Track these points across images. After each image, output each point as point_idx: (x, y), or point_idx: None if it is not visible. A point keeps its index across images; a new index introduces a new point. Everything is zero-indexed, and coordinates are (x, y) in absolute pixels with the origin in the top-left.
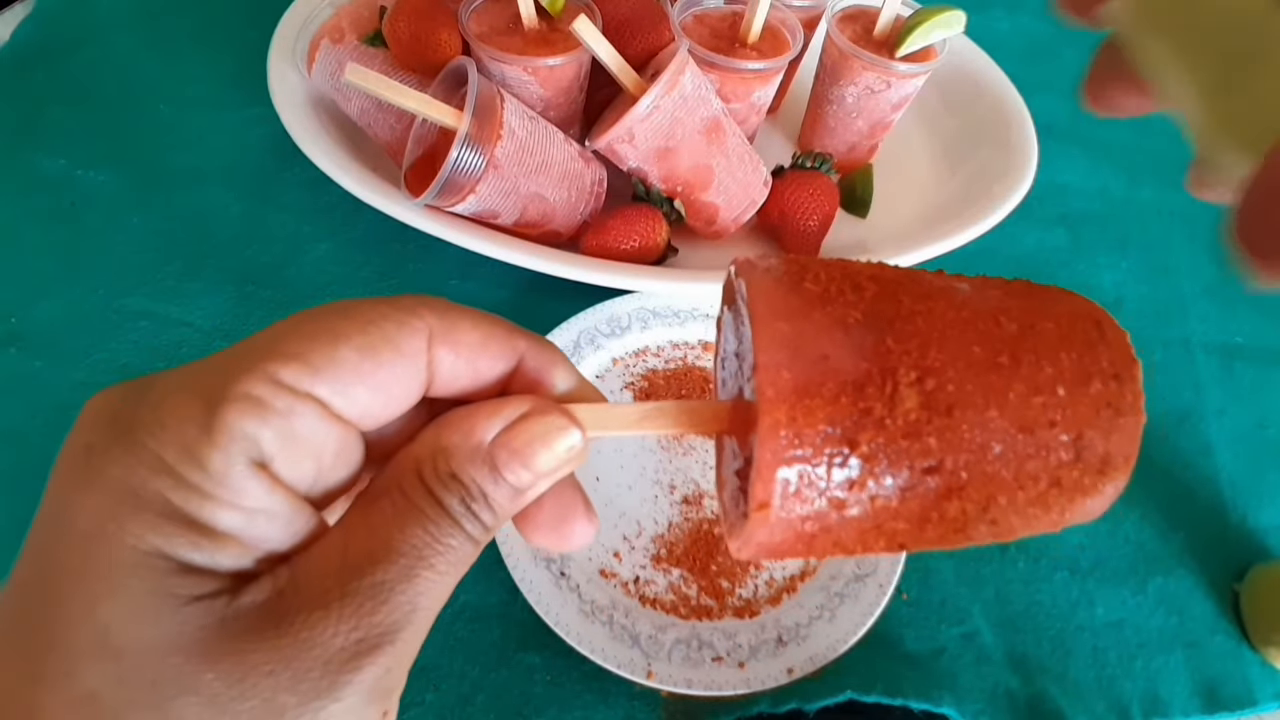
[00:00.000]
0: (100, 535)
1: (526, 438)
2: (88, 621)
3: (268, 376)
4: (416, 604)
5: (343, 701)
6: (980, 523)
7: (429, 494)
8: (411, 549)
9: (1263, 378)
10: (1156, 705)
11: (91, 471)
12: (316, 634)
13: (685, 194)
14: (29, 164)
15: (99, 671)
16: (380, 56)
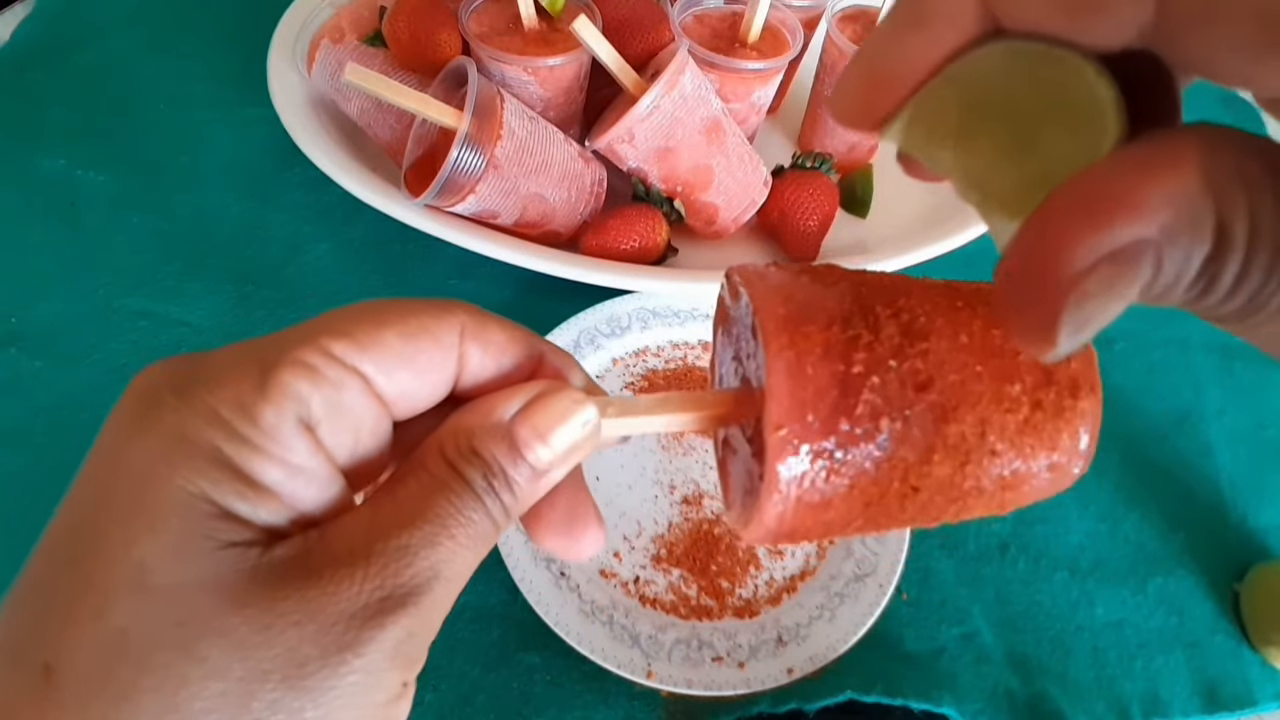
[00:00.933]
0: (149, 476)
1: (544, 413)
2: (126, 557)
3: (321, 348)
4: (438, 570)
5: (364, 658)
6: (982, 452)
7: (451, 468)
8: (435, 517)
9: (1263, 378)
10: (1156, 705)
11: (148, 419)
12: (342, 589)
13: (685, 194)
14: (29, 164)
15: (130, 608)
16: (380, 56)
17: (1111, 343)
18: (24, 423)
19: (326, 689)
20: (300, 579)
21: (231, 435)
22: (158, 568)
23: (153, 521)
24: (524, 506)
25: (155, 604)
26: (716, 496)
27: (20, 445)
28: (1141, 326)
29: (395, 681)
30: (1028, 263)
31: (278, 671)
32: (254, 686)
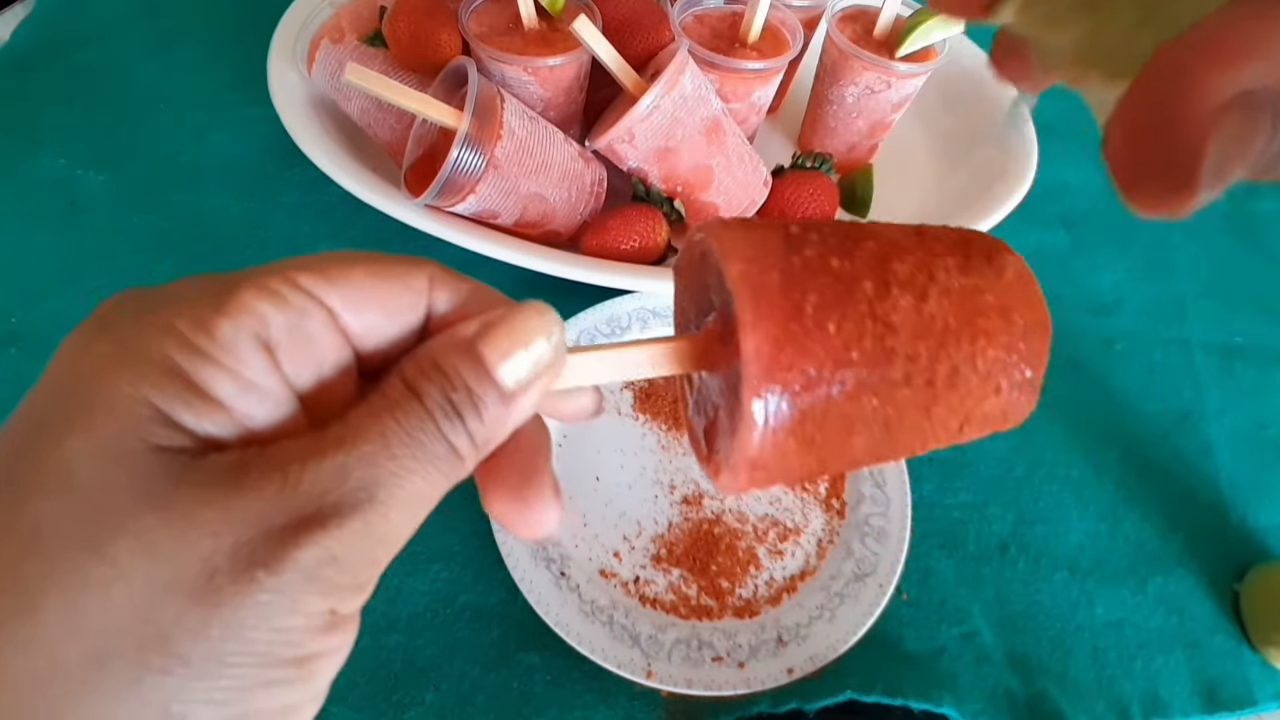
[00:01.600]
0: (93, 378)
1: (508, 326)
2: (53, 454)
3: (287, 278)
4: (373, 492)
5: (277, 576)
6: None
7: (408, 388)
8: (378, 436)
9: (1263, 378)
10: (1156, 705)
11: (104, 330)
12: (264, 501)
13: (685, 194)
14: (29, 164)
15: (48, 505)
16: (380, 56)
17: (1111, 343)
18: None
19: (235, 605)
20: (227, 489)
21: (184, 345)
22: (83, 466)
23: (88, 421)
24: (490, 434)
25: (72, 501)
26: (717, 496)
27: None
28: (1142, 326)
29: (316, 607)
30: (1160, 107)
31: (186, 582)
32: (160, 597)
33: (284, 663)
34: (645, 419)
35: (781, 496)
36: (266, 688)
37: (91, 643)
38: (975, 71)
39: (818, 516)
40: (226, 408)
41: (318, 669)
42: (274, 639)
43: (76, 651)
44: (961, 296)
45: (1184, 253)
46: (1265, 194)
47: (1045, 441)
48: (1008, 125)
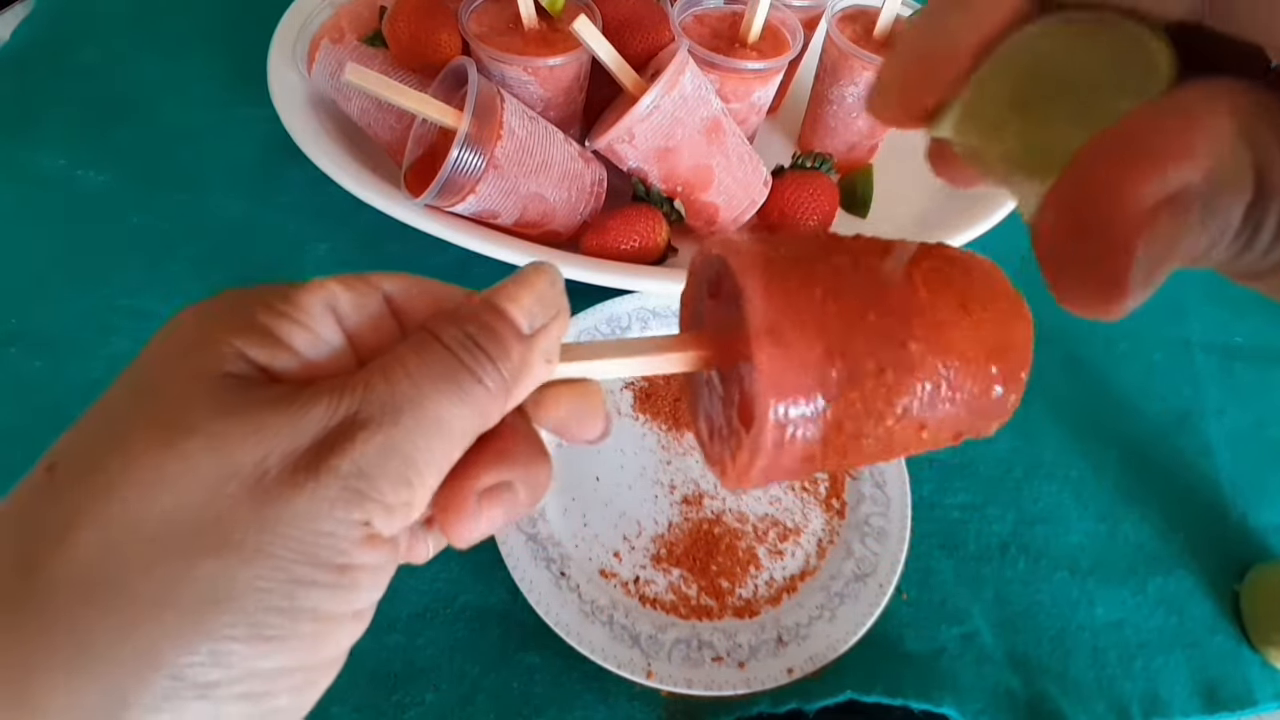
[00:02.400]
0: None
1: (517, 278)
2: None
3: (358, 276)
4: (396, 415)
5: (316, 482)
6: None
7: (427, 330)
8: (399, 366)
9: (1263, 378)
10: (1156, 705)
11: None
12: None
13: (685, 194)
14: (29, 164)
15: (127, 410)
16: (380, 56)
17: (1111, 343)
18: (24, 423)
19: (281, 503)
20: (283, 406)
21: (269, 309)
22: (163, 386)
23: (183, 356)
24: (516, 369)
25: (149, 406)
26: (717, 496)
27: (20, 445)
28: (1141, 326)
29: (351, 516)
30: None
31: (243, 479)
32: (221, 488)
33: (324, 565)
34: (645, 419)
35: (781, 496)
36: (307, 587)
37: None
38: None
39: (818, 516)
40: (298, 352)
41: (357, 581)
42: (314, 540)
43: (148, 530)
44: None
45: None
46: None
47: (1045, 441)
48: None
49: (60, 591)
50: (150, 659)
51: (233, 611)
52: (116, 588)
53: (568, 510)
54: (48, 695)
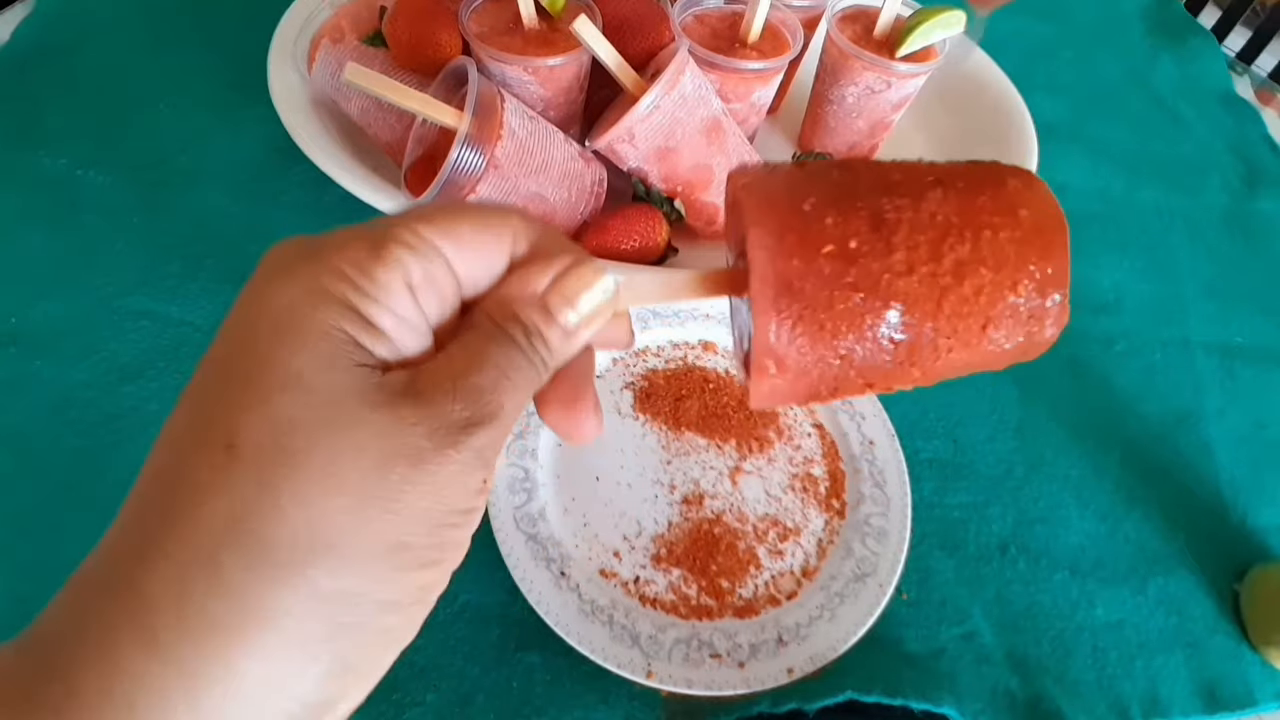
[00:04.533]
0: (295, 312)
1: (573, 283)
2: (286, 366)
3: (414, 229)
4: (502, 403)
5: (460, 453)
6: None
7: (499, 328)
8: (494, 363)
9: (1263, 378)
10: (1156, 705)
11: (287, 275)
12: (442, 407)
13: (685, 194)
14: (29, 164)
15: (294, 401)
16: (380, 56)
17: (1111, 343)
18: (24, 423)
19: (436, 471)
20: (413, 397)
21: (355, 289)
22: (312, 375)
23: (304, 342)
24: (559, 360)
25: (314, 399)
26: (717, 496)
27: (20, 445)
28: (1142, 326)
29: (479, 477)
30: None
31: (404, 456)
32: (389, 463)
33: (460, 511)
34: (645, 419)
35: (781, 496)
36: (450, 528)
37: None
38: (975, 71)
39: (818, 516)
40: (389, 337)
41: (475, 518)
42: (457, 496)
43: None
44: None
45: (1184, 253)
46: (1265, 194)
47: (1045, 441)
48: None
49: (280, 554)
50: (357, 601)
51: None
52: (328, 543)
53: (568, 510)
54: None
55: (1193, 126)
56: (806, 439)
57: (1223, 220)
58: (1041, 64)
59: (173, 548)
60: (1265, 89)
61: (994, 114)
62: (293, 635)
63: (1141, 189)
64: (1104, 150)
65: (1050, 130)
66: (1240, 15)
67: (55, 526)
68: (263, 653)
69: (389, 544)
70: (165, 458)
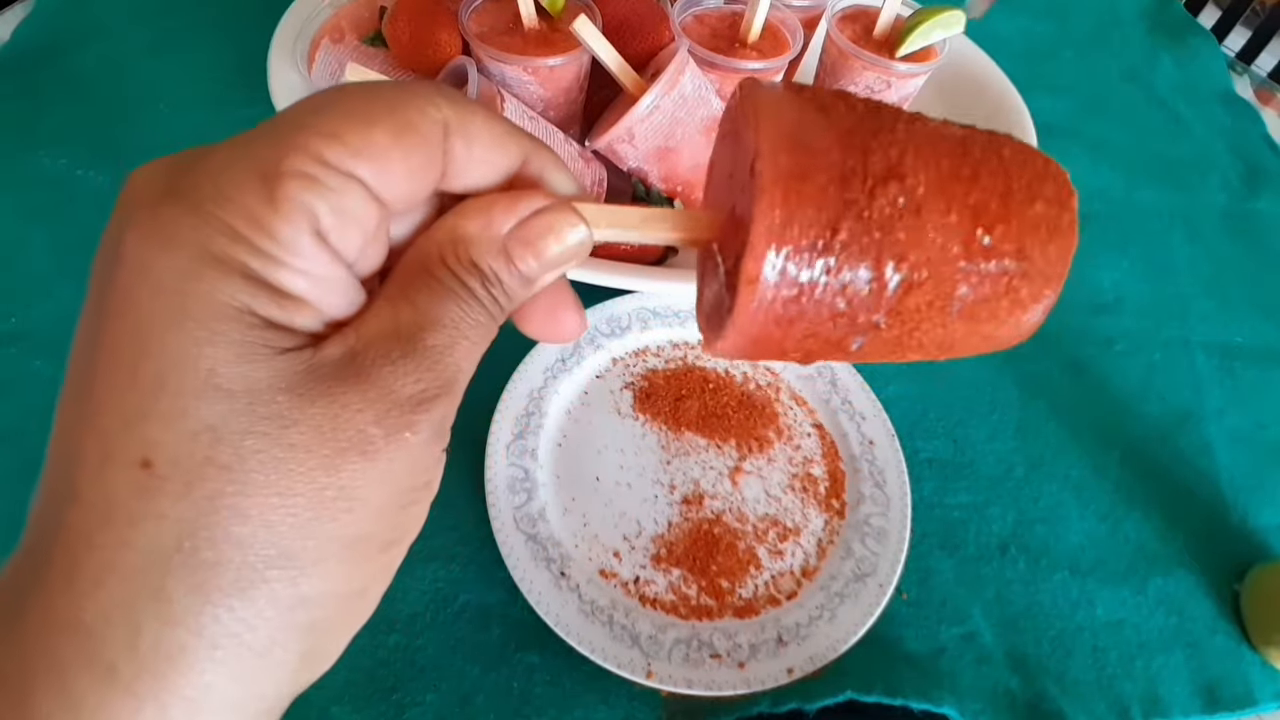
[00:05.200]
0: (191, 290)
1: (539, 230)
2: (195, 365)
3: (315, 155)
4: (460, 365)
5: (418, 434)
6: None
7: (455, 278)
8: (450, 322)
9: (1263, 378)
10: (1156, 705)
11: (168, 232)
12: (391, 383)
13: (685, 194)
14: (29, 164)
15: (214, 409)
16: (380, 56)
17: (1111, 343)
18: (23, 423)
19: (392, 457)
20: (354, 376)
21: (254, 251)
22: (228, 374)
23: (210, 333)
24: (516, 305)
25: (237, 404)
26: (717, 496)
27: (19, 445)
28: (1142, 326)
29: (438, 450)
30: None
31: (353, 448)
32: (337, 460)
33: (417, 487)
34: (645, 419)
35: (781, 496)
36: (407, 507)
37: (289, 504)
38: (975, 71)
39: (818, 516)
40: (309, 303)
41: (435, 487)
42: (415, 475)
43: (281, 515)
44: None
45: (1184, 253)
46: (1265, 194)
47: (1045, 441)
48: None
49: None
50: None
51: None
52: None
53: (568, 510)
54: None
55: (1192, 126)
56: (806, 439)
57: (1222, 220)
58: (1041, 64)
59: (109, 579)
60: (1265, 89)
61: (994, 114)
62: (256, 646)
63: (1141, 189)
64: (1104, 150)
65: (1050, 130)
66: (1240, 15)
67: None
68: (226, 669)
69: (347, 541)
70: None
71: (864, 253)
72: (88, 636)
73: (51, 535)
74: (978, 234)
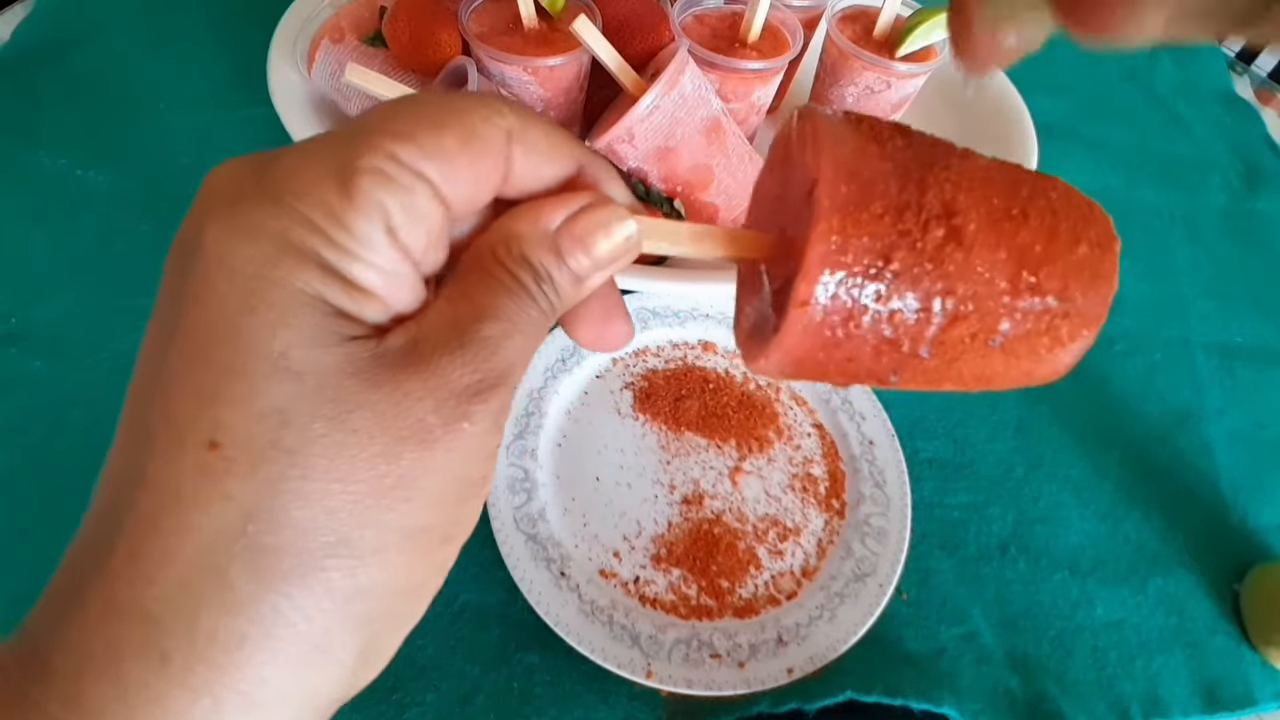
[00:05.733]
0: (268, 277)
1: (588, 225)
2: (268, 349)
3: (389, 154)
4: (514, 358)
5: (475, 424)
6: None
7: (508, 272)
8: (505, 315)
9: (1263, 378)
10: (1156, 705)
11: (247, 224)
12: (449, 372)
13: (685, 194)
14: (29, 164)
15: (283, 390)
16: (380, 56)
17: (1111, 343)
18: (24, 423)
19: (449, 447)
20: (415, 365)
21: (330, 244)
22: (299, 357)
23: (285, 318)
24: (568, 305)
25: (305, 387)
26: (716, 496)
27: (20, 445)
28: (1142, 326)
29: (494, 444)
30: None
31: (413, 437)
32: (398, 448)
33: (474, 481)
34: (645, 419)
35: (781, 496)
36: (464, 501)
37: (350, 490)
38: None
39: (818, 516)
40: (378, 296)
41: (488, 486)
42: (471, 467)
43: (342, 501)
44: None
45: (1184, 253)
46: (1265, 194)
47: (1045, 441)
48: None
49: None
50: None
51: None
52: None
53: (568, 510)
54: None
55: (1192, 126)
56: (806, 439)
57: (1222, 220)
58: (1041, 64)
59: (173, 562)
60: (1265, 89)
61: (994, 114)
62: (313, 640)
63: (1141, 189)
64: (1104, 150)
65: (1050, 130)
66: None
67: (55, 527)
68: (283, 662)
69: (405, 531)
70: (135, 455)
71: (914, 283)
72: (148, 622)
73: (117, 520)
74: (1024, 273)
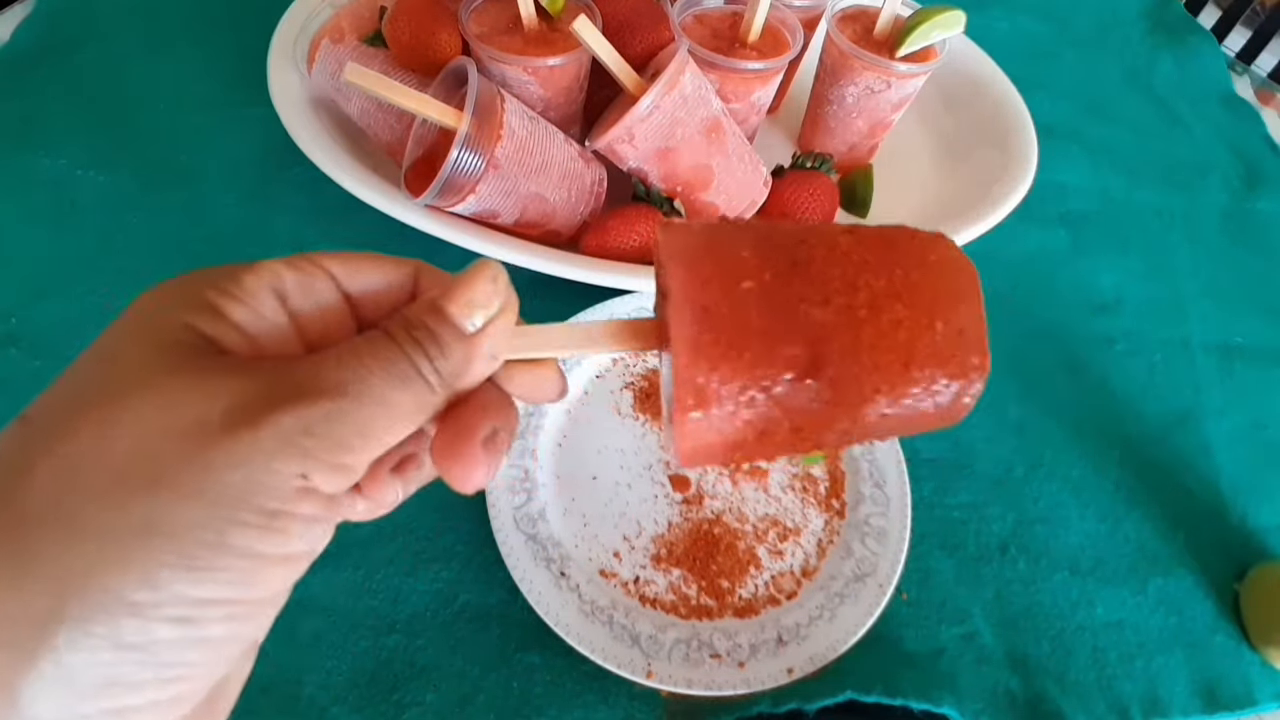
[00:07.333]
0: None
1: (462, 280)
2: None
3: (305, 255)
4: (344, 388)
5: (255, 433)
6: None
7: (381, 330)
8: (351, 351)
9: (1262, 378)
10: (1156, 705)
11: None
12: (254, 381)
13: (685, 194)
14: (29, 164)
15: (87, 373)
16: (380, 56)
17: (1112, 343)
18: None
19: (219, 450)
20: (229, 370)
21: (215, 288)
22: (120, 352)
23: (129, 329)
24: (455, 368)
25: (104, 368)
26: (716, 496)
27: None
28: (1142, 326)
29: (289, 468)
30: None
31: (185, 428)
32: (163, 436)
33: (256, 509)
34: (645, 419)
35: (781, 496)
36: (238, 526)
37: (108, 464)
38: (975, 71)
39: (818, 516)
40: (241, 328)
41: (287, 527)
42: (246, 485)
43: (97, 468)
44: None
45: (1184, 253)
46: (1265, 194)
47: (1045, 441)
48: None
49: (15, 514)
50: (86, 575)
51: (165, 539)
52: (65, 514)
53: (568, 510)
54: None
55: (1192, 126)
56: None
57: (1222, 220)
58: (1041, 64)
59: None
60: (1265, 89)
61: (994, 114)
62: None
63: (1141, 189)
64: (1104, 150)
65: (1050, 130)
66: (1240, 15)
67: None
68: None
69: (139, 526)
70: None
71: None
72: None
73: None
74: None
